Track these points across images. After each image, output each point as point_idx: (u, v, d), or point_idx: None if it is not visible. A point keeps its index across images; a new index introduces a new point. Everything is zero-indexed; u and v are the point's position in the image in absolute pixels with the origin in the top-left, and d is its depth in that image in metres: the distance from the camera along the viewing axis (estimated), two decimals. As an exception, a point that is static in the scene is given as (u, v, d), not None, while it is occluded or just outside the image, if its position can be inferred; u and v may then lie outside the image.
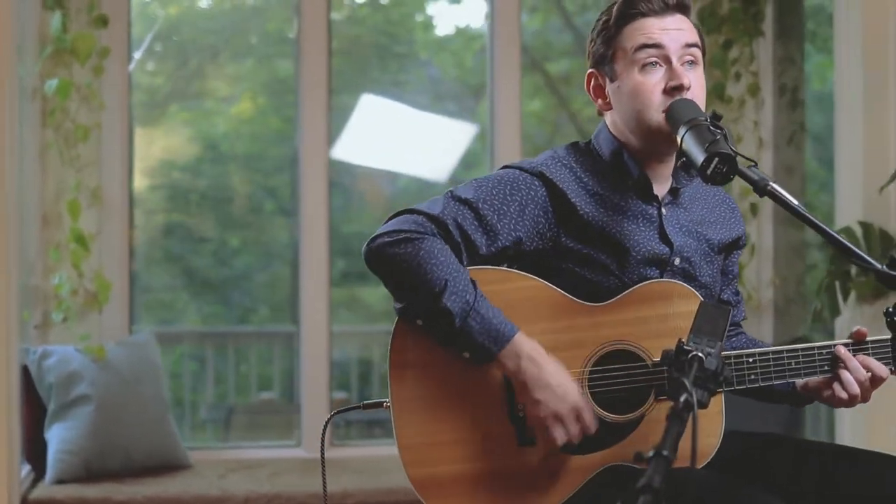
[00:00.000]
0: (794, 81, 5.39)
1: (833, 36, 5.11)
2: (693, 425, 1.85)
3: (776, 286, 5.36)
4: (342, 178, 6.73)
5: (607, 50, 2.58)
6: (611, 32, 2.58)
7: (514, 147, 5.23)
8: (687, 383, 1.94)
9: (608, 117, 2.65)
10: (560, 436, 2.42)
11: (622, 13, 2.56)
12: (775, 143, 5.39)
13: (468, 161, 8.81)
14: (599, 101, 2.64)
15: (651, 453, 1.75)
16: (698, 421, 1.83)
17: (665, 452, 1.75)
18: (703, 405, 1.90)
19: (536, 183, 2.55)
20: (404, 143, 8.25)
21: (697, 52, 2.56)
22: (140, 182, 7.37)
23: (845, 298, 4.76)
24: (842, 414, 4.99)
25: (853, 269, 4.75)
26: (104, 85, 4.90)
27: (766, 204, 5.17)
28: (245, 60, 8.53)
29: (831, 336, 5.14)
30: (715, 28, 5.06)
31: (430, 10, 9.34)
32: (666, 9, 2.54)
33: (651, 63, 2.51)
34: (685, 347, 2.03)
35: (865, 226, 4.73)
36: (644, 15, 2.53)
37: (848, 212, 4.89)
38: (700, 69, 2.57)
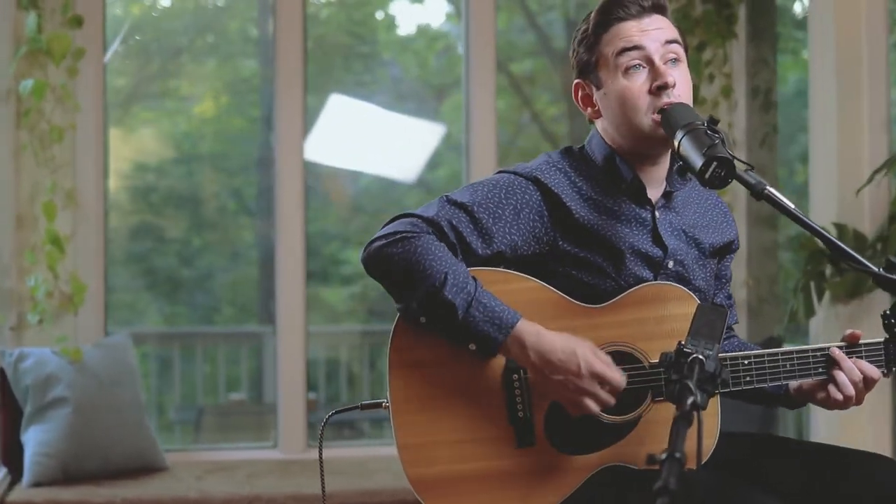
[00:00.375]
0: (766, 83, 5.44)
1: (808, 39, 5.18)
2: (699, 427, 1.88)
3: (749, 287, 5.42)
4: (307, 177, 6.73)
5: (590, 58, 2.61)
6: (591, 41, 2.60)
7: (489, 148, 5.24)
8: (692, 386, 1.96)
9: (599, 124, 2.67)
10: (592, 406, 2.43)
11: (600, 20, 2.58)
12: (748, 145, 5.44)
13: (434, 162, 8.83)
14: (589, 109, 2.67)
15: (664, 455, 1.77)
16: (692, 421, 1.87)
17: (678, 454, 1.77)
18: (703, 407, 1.93)
19: (531, 187, 2.56)
20: (372, 143, 8.26)
21: (679, 49, 2.58)
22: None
23: (820, 299, 4.81)
24: (815, 413, 5.05)
25: (828, 270, 4.81)
26: (78, 86, 4.87)
27: (740, 205, 5.22)
28: (208, 60, 8.51)
29: (805, 336, 5.20)
30: (688, 30, 5.09)
31: (393, 9, 9.35)
32: (643, 11, 2.56)
33: (634, 66, 2.54)
34: (685, 350, 2.06)
35: (840, 227, 4.79)
36: (621, 20, 2.56)
37: (822, 213, 4.94)
38: (684, 66, 2.59)
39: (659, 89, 2.50)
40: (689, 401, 1.91)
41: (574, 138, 8.88)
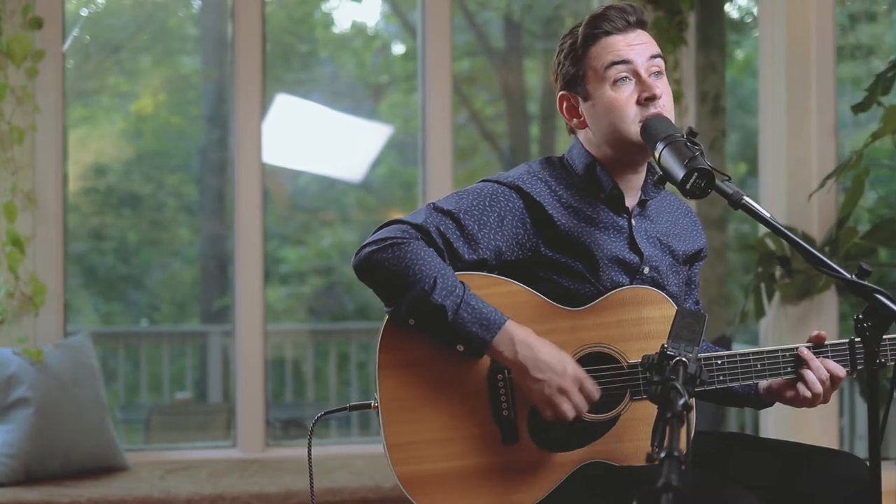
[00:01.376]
0: (715, 89, 5.57)
1: (758, 45, 5.31)
2: (687, 427, 1.99)
3: (700, 287, 5.52)
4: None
5: (577, 71, 2.71)
6: (578, 54, 2.71)
7: (445, 148, 5.30)
8: (680, 387, 2.06)
9: (581, 135, 2.78)
10: (568, 409, 2.54)
11: (588, 34, 2.69)
12: (698, 149, 5.55)
13: (376, 161, 8.89)
14: (574, 120, 2.77)
15: (663, 454, 1.87)
16: (684, 421, 1.97)
17: (676, 453, 1.87)
18: (690, 408, 2.03)
19: (514, 196, 2.67)
20: (313, 142, 8.29)
21: (661, 63, 2.71)
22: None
23: (770, 300, 4.95)
24: (765, 411, 5.18)
25: (777, 272, 4.94)
26: (38, 87, 4.87)
27: (690, 207, 5.33)
28: (145, 57, 8.49)
29: (755, 336, 5.34)
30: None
31: (329, 6, 9.38)
32: (628, 26, 2.68)
33: (622, 78, 2.65)
34: (668, 352, 2.16)
35: (790, 230, 4.91)
36: (608, 33, 2.67)
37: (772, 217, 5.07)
38: (665, 78, 2.71)
39: (647, 100, 2.62)
40: (681, 402, 2.00)
41: (512, 138, 8.98)
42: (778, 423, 5.09)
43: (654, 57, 2.67)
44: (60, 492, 4.43)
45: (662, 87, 2.66)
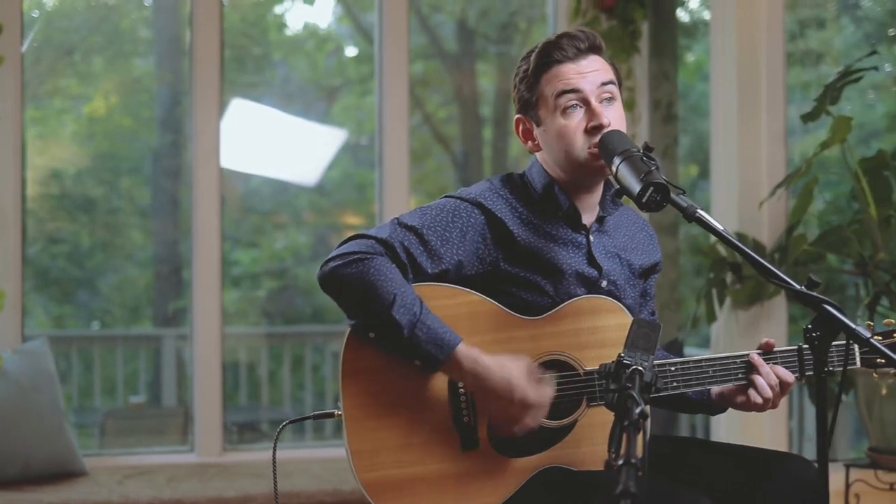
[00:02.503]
0: (668, 97, 5.64)
1: (709, 52, 5.39)
2: (644, 434, 2.06)
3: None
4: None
5: (530, 97, 2.79)
6: (531, 80, 2.79)
7: (402, 150, 5.34)
8: (636, 396, 2.12)
9: (539, 156, 2.86)
10: (517, 430, 2.63)
11: (539, 63, 2.77)
12: (650, 155, 5.63)
13: (329, 164, 8.90)
14: (529, 143, 2.86)
15: (621, 461, 1.93)
16: (640, 428, 2.04)
17: (633, 460, 1.93)
18: (647, 416, 2.09)
19: (476, 212, 2.74)
20: (271, 145, 8.30)
21: (614, 89, 2.78)
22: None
23: (721, 305, 5.03)
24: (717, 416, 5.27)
25: (728, 278, 5.03)
26: (-5, 93, 4.88)
27: (642, 214, 5.40)
28: (98, 59, 8.46)
29: (706, 339, 5.43)
30: (594, 45, 5.26)
31: (281, 8, 9.38)
32: (579, 53, 2.76)
33: (571, 106, 2.73)
34: (624, 361, 2.22)
35: (741, 237, 5.02)
36: (559, 62, 2.75)
37: (723, 223, 5.12)
38: (617, 103, 2.79)
39: (594, 129, 2.69)
40: (637, 410, 2.07)
41: (465, 141, 9.03)
42: (729, 426, 5.19)
43: (605, 84, 2.74)
44: (20, 497, 4.43)
45: (612, 115, 2.73)
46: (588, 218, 2.84)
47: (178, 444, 6.30)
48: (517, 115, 2.85)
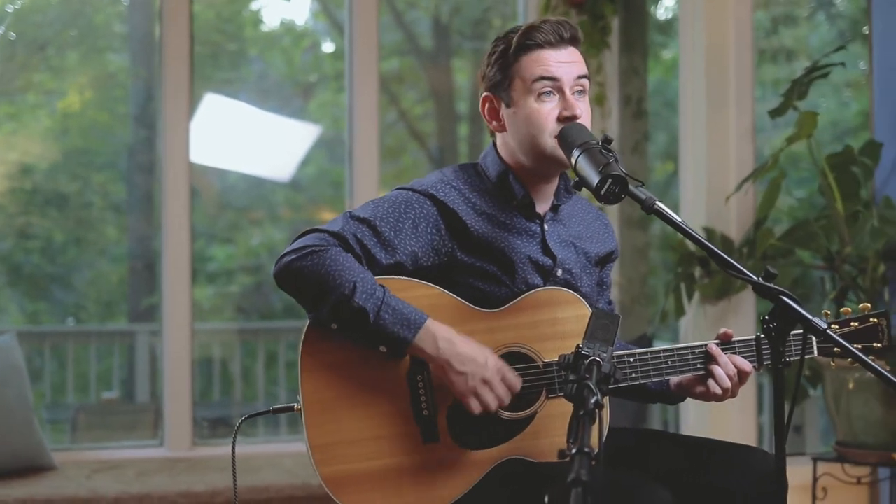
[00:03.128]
0: (638, 92, 5.66)
1: (678, 47, 5.41)
2: (600, 424, 2.07)
3: (622, 286, 5.62)
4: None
5: (504, 77, 2.79)
6: (508, 61, 2.78)
7: (372, 147, 5.34)
8: (592, 386, 2.13)
9: (500, 139, 2.85)
10: (491, 400, 2.62)
11: (521, 43, 2.76)
12: (621, 150, 5.66)
13: (303, 160, 8.90)
14: (494, 122, 2.84)
15: (574, 450, 1.94)
16: (595, 418, 2.05)
17: (587, 449, 1.94)
18: (602, 406, 2.10)
19: (427, 203, 2.75)
20: (241, 141, 8.29)
21: (586, 83, 2.79)
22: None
23: (689, 299, 5.05)
24: (686, 408, 5.29)
25: (697, 272, 5.05)
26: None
27: (612, 207, 5.43)
28: (72, 54, 8.43)
29: (676, 334, 5.45)
30: (564, 41, 5.26)
31: (257, 4, 9.36)
32: (561, 41, 2.76)
33: (547, 92, 2.73)
34: (583, 352, 2.23)
35: (709, 231, 5.03)
36: (541, 46, 2.75)
37: (692, 218, 5.18)
38: (587, 98, 2.80)
39: (567, 118, 2.70)
40: (593, 400, 2.08)
41: (440, 137, 9.03)
42: (698, 420, 5.21)
43: (580, 77, 2.76)
44: (-13, 491, 4.43)
45: (583, 108, 2.74)
46: (542, 207, 2.85)
47: (150, 440, 6.27)
48: (485, 94, 2.84)
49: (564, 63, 2.74)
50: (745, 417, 5.22)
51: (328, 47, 9.62)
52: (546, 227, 2.85)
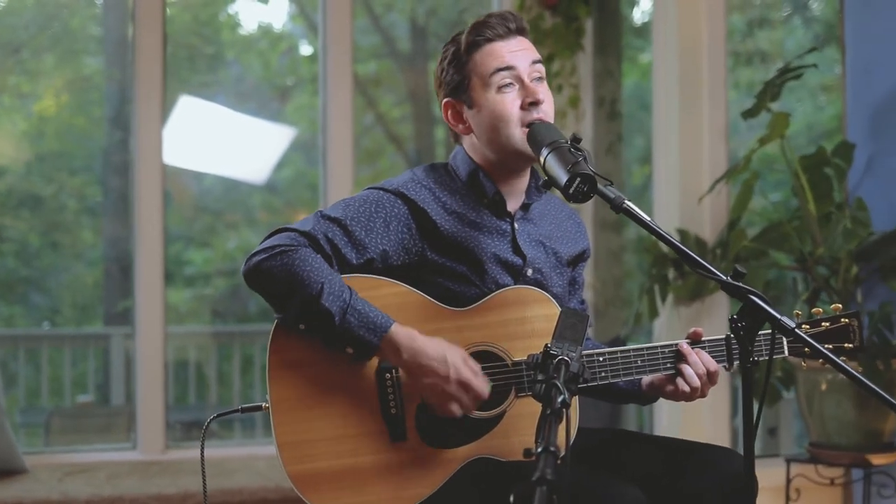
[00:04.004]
0: (611, 94, 5.67)
1: (651, 49, 5.42)
2: (567, 423, 2.06)
3: (596, 289, 5.62)
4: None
5: (462, 78, 2.79)
6: (462, 60, 2.79)
7: (346, 150, 5.33)
8: (560, 385, 2.13)
9: (467, 141, 2.86)
10: (455, 409, 2.62)
11: (471, 41, 2.77)
12: (595, 152, 5.66)
13: (278, 163, 8.89)
14: (460, 126, 2.85)
15: (540, 449, 1.93)
16: (562, 418, 2.04)
17: (552, 448, 1.94)
18: (568, 405, 2.10)
19: (398, 202, 2.74)
20: (217, 144, 8.27)
21: (542, 68, 2.80)
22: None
23: (663, 301, 5.06)
24: (659, 409, 5.30)
25: (671, 274, 5.05)
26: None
27: (587, 210, 5.44)
28: (48, 57, 8.41)
29: (650, 336, 5.45)
30: (539, 42, 5.27)
31: (236, 8, 9.35)
32: (509, 32, 2.77)
33: (507, 84, 2.74)
34: (551, 352, 2.22)
35: (682, 233, 5.04)
36: (490, 40, 2.76)
37: (665, 219, 5.18)
38: (545, 84, 2.80)
39: (531, 105, 2.70)
40: (560, 399, 2.07)
41: (418, 140, 9.03)
42: (672, 423, 5.21)
43: (535, 62, 2.77)
44: (-43, 495, 4.41)
45: (544, 93, 2.75)
46: (513, 205, 2.84)
47: (124, 442, 6.25)
48: (446, 100, 2.84)
49: (517, 51, 2.75)
50: (719, 419, 5.22)
51: (305, 50, 9.61)
52: (516, 225, 2.84)
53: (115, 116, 8.31)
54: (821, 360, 2.53)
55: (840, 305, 2.88)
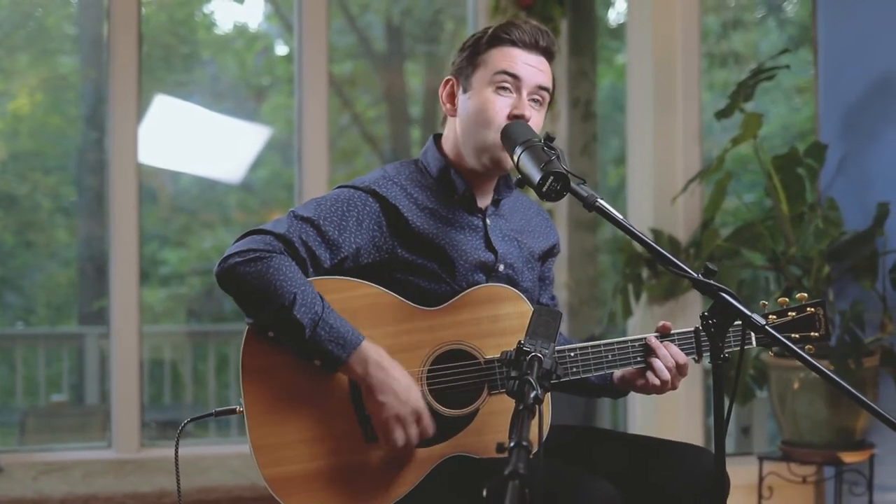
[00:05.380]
0: (586, 95, 5.69)
1: (626, 50, 5.44)
2: (540, 419, 2.08)
3: (570, 288, 5.64)
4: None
5: (470, 64, 2.82)
6: (479, 49, 2.81)
7: (320, 151, 5.34)
8: (533, 381, 2.15)
9: (448, 126, 2.88)
10: (400, 437, 2.62)
11: (496, 35, 2.79)
12: (570, 152, 5.68)
13: (254, 162, 8.88)
14: (448, 105, 2.88)
15: (512, 444, 1.95)
16: (536, 414, 2.06)
17: (525, 443, 1.96)
18: (541, 401, 2.12)
19: (370, 199, 2.76)
20: (193, 143, 8.25)
21: (546, 96, 2.82)
22: None
23: (637, 300, 5.08)
24: (633, 407, 5.32)
25: (644, 273, 5.08)
26: None
27: (562, 210, 5.45)
28: (22, 56, 8.38)
29: (624, 335, 5.47)
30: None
31: (211, 8, 9.33)
32: (535, 47, 2.80)
33: (506, 88, 2.76)
34: (524, 348, 2.25)
35: (656, 232, 5.07)
36: (514, 43, 2.78)
37: (639, 219, 5.21)
38: (543, 111, 2.83)
39: (515, 117, 2.72)
40: (532, 395, 2.09)
41: (394, 140, 9.03)
42: (645, 421, 5.24)
43: (541, 87, 2.79)
44: (-70, 494, 4.40)
45: (535, 115, 2.77)
46: (483, 201, 2.87)
47: (99, 441, 6.24)
48: (449, 77, 2.87)
49: (531, 67, 2.77)
50: (692, 418, 5.25)
51: (281, 50, 9.59)
52: (488, 221, 2.87)
53: (90, 115, 8.28)
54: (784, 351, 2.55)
55: (805, 295, 2.90)
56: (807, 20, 7.52)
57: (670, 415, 5.14)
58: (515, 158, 2.57)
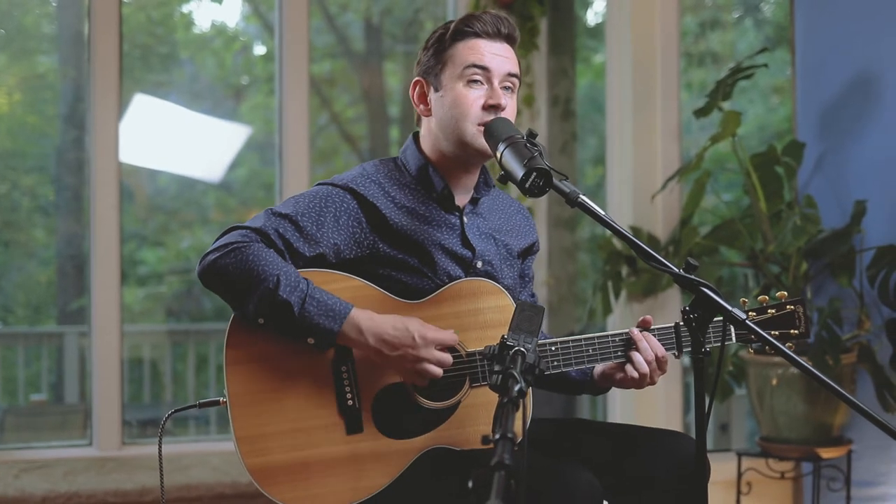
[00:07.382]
0: (566, 93, 5.72)
1: (605, 49, 5.47)
2: (524, 412, 2.11)
3: (550, 286, 5.67)
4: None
5: (437, 62, 2.84)
6: (444, 45, 2.84)
7: (302, 149, 5.35)
8: (517, 374, 2.17)
9: (424, 126, 2.91)
10: (434, 369, 2.66)
11: (458, 29, 2.82)
12: (549, 151, 5.71)
13: (233, 162, 8.88)
14: (421, 106, 2.90)
15: (497, 436, 1.98)
16: (519, 406, 2.09)
17: (510, 435, 1.98)
18: (525, 394, 2.15)
19: (348, 197, 2.79)
20: (172, 142, 8.25)
21: (516, 82, 2.86)
22: None
23: (617, 297, 5.11)
24: (613, 400, 5.35)
25: (624, 270, 5.11)
26: None
27: (541, 208, 5.48)
28: (0, 55, 8.36)
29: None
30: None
31: (189, 7, 9.33)
32: (498, 35, 2.83)
33: (476, 80, 2.79)
34: (508, 343, 2.27)
35: (635, 230, 5.10)
36: (478, 35, 2.81)
37: (619, 217, 5.24)
38: (514, 97, 2.87)
39: (492, 107, 2.76)
40: (517, 388, 2.12)
41: (372, 140, 9.05)
42: (624, 419, 5.27)
43: (511, 75, 2.82)
44: (-88, 492, 4.39)
45: (509, 103, 2.80)
46: (462, 199, 2.90)
47: (79, 440, 6.23)
48: (417, 77, 2.89)
49: (498, 56, 2.80)
50: (671, 416, 5.29)
51: (259, 50, 9.59)
52: (465, 219, 2.89)
53: (69, 115, 8.27)
54: (767, 347, 2.58)
55: (786, 293, 2.93)
56: (784, 21, 7.58)
57: (649, 412, 5.17)
58: (498, 155, 2.60)
